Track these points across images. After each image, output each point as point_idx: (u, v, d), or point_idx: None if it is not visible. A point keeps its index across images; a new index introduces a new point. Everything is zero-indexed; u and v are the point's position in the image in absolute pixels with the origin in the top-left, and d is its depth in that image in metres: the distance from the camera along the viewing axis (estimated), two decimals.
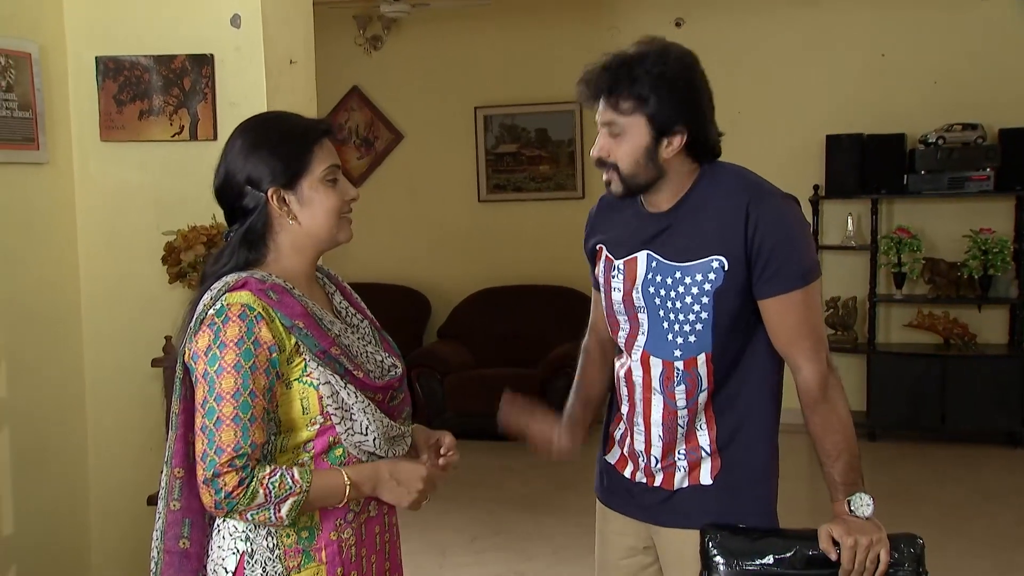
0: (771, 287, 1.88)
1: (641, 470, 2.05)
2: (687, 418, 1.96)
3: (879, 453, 5.89)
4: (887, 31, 6.27)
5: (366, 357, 1.75)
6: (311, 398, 1.66)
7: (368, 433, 1.70)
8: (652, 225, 1.96)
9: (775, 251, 1.86)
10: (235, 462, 1.58)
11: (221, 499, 1.58)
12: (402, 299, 7.06)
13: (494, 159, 7.03)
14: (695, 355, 1.93)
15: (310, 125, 1.75)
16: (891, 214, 6.30)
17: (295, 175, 1.70)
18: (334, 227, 1.75)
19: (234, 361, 1.60)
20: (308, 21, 3.32)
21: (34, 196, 3.08)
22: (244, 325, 1.61)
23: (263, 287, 1.65)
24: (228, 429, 1.59)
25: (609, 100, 1.87)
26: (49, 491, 3.15)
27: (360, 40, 6.99)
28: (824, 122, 6.25)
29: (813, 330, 1.92)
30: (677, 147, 1.88)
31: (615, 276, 2.01)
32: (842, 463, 1.89)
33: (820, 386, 1.90)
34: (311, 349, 1.65)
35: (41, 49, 3.07)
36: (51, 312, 3.16)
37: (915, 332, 6.22)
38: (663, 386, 1.96)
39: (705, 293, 1.89)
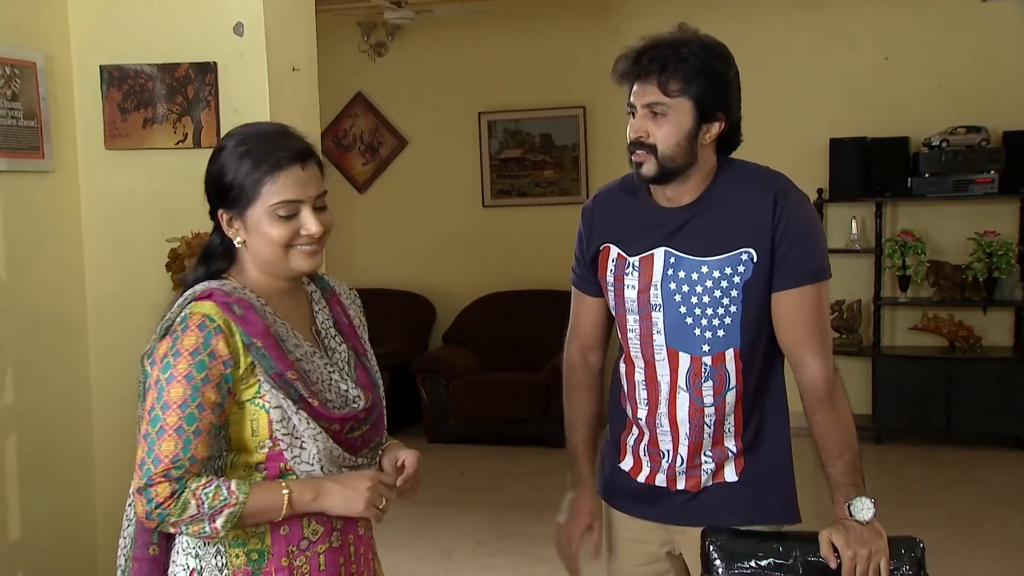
0: (788, 279, 1.89)
1: (663, 472, 2.02)
2: (714, 416, 1.95)
3: (885, 456, 5.88)
4: (890, 34, 6.28)
5: (327, 385, 1.69)
6: (260, 421, 1.62)
7: (315, 463, 1.64)
8: (671, 220, 1.94)
9: (795, 243, 1.88)
10: (170, 472, 1.55)
11: (151, 509, 1.55)
12: (407, 304, 7.08)
13: (498, 164, 7.05)
14: (723, 350, 1.92)
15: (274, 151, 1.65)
16: (895, 217, 6.30)
17: (243, 204, 1.64)
18: (281, 258, 1.66)
19: (186, 371, 1.56)
20: (311, 28, 3.34)
21: (40, 204, 3.10)
22: (202, 336, 1.58)
23: (228, 300, 1.62)
24: (169, 439, 1.56)
25: (659, 80, 1.85)
26: (56, 496, 3.16)
27: (364, 47, 7.01)
28: (828, 125, 6.26)
29: (823, 327, 1.93)
30: (715, 134, 1.90)
31: (629, 273, 1.98)
32: (843, 463, 1.90)
33: (827, 383, 1.91)
34: (266, 371, 1.60)
35: (46, 58, 3.09)
36: (57, 319, 3.18)
37: (920, 335, 6.22)
38: (689, 383, 1.95)
39: (735, 286, 1.89)
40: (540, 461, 5.89)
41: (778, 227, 1.87)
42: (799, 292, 1.89)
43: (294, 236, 1.65)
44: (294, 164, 1.65)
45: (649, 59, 1.86)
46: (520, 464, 5.86)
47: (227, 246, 1.69)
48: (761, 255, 1.88)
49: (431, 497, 5.23)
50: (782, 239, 1.87)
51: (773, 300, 1.91)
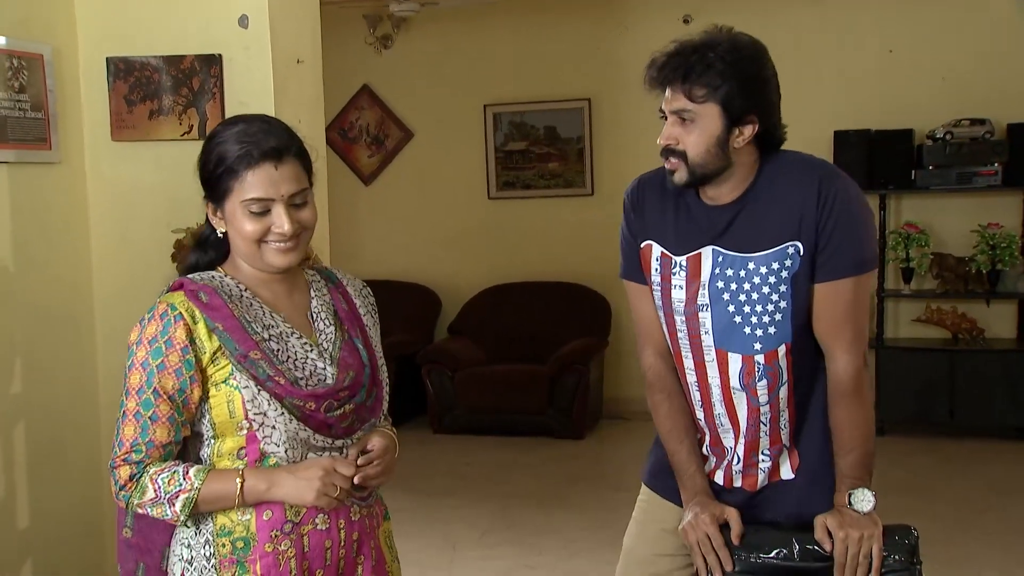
0: (826, 271, 1.85)
1: (722, 468, 1.99)
2: (769, 414, 1.93)
3: (889, 448, 5.89)
4: (894, 27, 6.28)
5: (299, 364, 1.70)
6: (236, 401, 1.65)
7: (280, 444, 1.66)
8: (716, 218, 1.90)
9: (836, 232, 1.83)
10: (130, 456, 1.63)
11: (116, 490, 1.64)
12: (413, 296, 7.10)
13: (504, 156, 7.07)
14: (775, 347, 1.89)
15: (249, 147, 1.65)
16: (899, 209, 6.31)
17: (220, 196, 1.69)
18: (255, 253, 1.69)
19: (143, 359, 1.63)
20: (315, 21, 3.36)
21: (47, 195, 3.13)
22: (161, 324, 1.63)
23: (195, 288, 1.67)
24: (129, 424, 1.63)
25: (683, 87, 1.82)
26: (64, 485, 3.20)
27: (370, 39, 7.03)
28: (832, 118, 6.25)
29: (857, 321, 1.90)
30: (748, 137, 1.85)
31: (676, 273, 1.93)
32: (854, 456, 1.90)
33: (854, 378, 1.90)
34: (232, 353, 1.64)
35: (53, 51, 3.12)
36: (65, 309, 3.21)
37: (924, 327, 6.23)
38: (743, 383, 1.91)
39: (783, 281, 1.86)
40: (545, 452, 5.92)
41: (823, 219, 1.82)
42: (836, 285, 1.86)
43: (265, 232, 1.67)
44: (266, 162, 1.65)
45: (674, 65, 1.83)
46: (525, 455, 5.89)
47: (219, 236, 1.74)
48: (807, 247, 1.84)
49: (436, 488, 5.27)
50: (825, 230, 1.83)
51: (814, 292, 1.88)
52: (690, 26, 6.50)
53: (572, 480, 5.33)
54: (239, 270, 1.74)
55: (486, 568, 4.23)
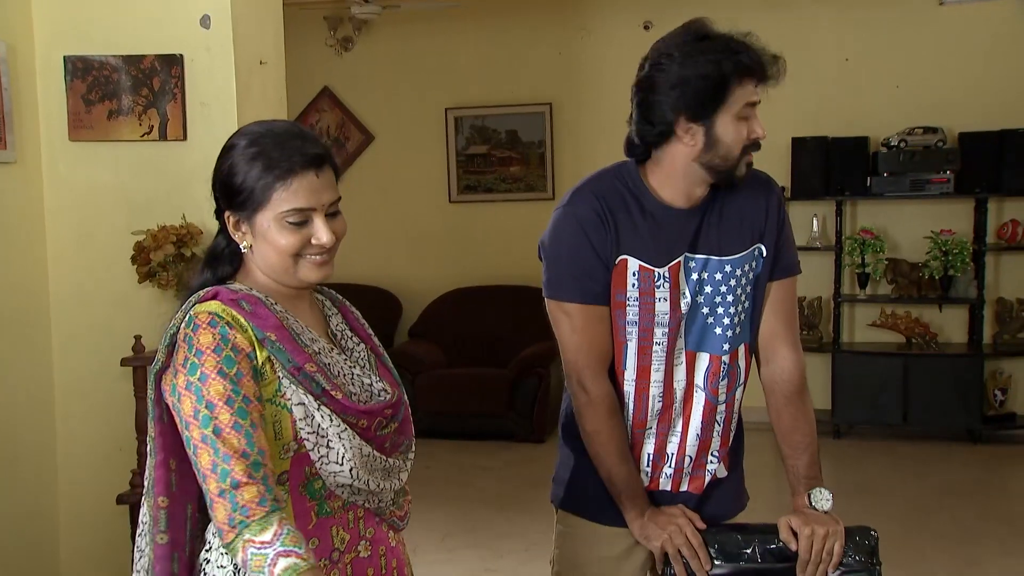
0: (778, 271, 1.94)
1: (667, 477, 1.96)
2: (724, 414, 1.96)
3: (843, 450, 5.98)
4: (851, 35, 6.38)
5: (349, 378, 1.60)
6: (284, 421, 1.51)
7: (344, 463, 1.53)
8: (685, 223, 1.89)
9: (783, 235, 1.95)
10: (253, 474, 1.41)
11: (236, 515, 1.39)
12: (373, 299, 7.07)
13: (465, 160, 7.07)
14: (738, 347, 1.94)
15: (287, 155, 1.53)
16: (855, 215, 6.40)
17: (252, 208, 1.54)
18: (289, 268, 1.56)
19: (216, 367, 1.46)
20: (278, 22, 3.34)
21: (2, 196, 3.07)
22: (216, 332, 1.48)
23: (235, 297, 1.53)
24: (232, 436, 1.43)
25: (758, 88, 1.89)
26: (18, 491, 3.14)
27: (331, 41, 7.00)
28: (790, 125, 6.32)
29: (796, 320, 2.00)
30: None
31: (660, 285, 1.87)
32: (808, 456, 1.93)
33: (801, 376, 1.95)
34: (284, 365, 1.50)
35: (8, 48, 3.07)
36: (20, 312, 3.15)
37: (878, 331, 6.33)
38: (707, 382, 1.93)
39: (750, 282, 1.93)
40: (506, 455, 5.92)
41: (777, 224, 1.93)
42: (785, 283, 1.95)
43: (304, 245, 1.55)
44: (308, 170, 1.54)
45: (778, 68, 1.91)
46: (486, 458, 5.89)
47: (233, 249, 1.60)
48: (768, 249, 1.93)
49: None
50: (778, 234, 1.93)
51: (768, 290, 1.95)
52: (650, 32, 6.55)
53: (533, 483, 5.34)
54: (258, 286, 1.59)
55: (447, 572, 4.22)
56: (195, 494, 1.56)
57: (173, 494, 1.56)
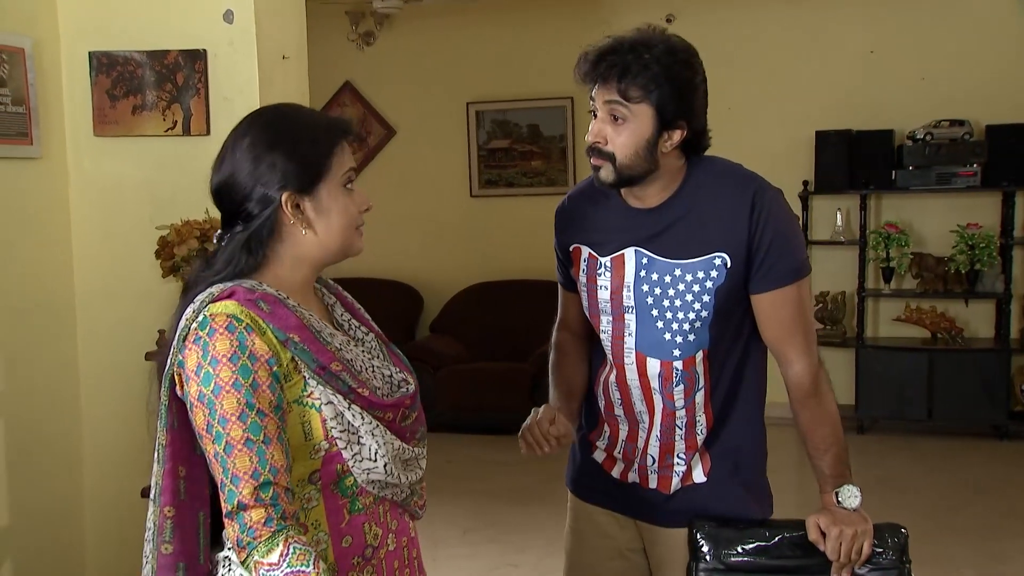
0: (768, 282, 1.87)
1: (635, 471, 2.01)
2: (685, 418, 1.95)
3: (868, 446, 5.94)
4: (876, 28, 6.31)
5: (372, 372, 1.57)
6: (313, 421, 1.47)
7: (377, 459, 1.51)
8: (641, 221, 1.91)
9: (774, 244, 1.85)
10: (260, 495, 1.39)
11: (244, 536, 1.39)
12: (395, 294, 7.09)
13: (486, 154, 7.06)
14: (693, 354, 1.90)
15: (331, 122, 1.56)
16: (879, 209, 6.35)
17: (314, 179, 1.51)
18: (349, 238, 1.57)
19: (231, 379, 1.40)
20: (301, 16, 3.34)
21: (28, 191, 3.10)
22: (234, 338, 1.42)
23: (252, 297, 1.46)
24: (241, 455, 1.39)
25: (618, 86, 1.79)
26: (44, 484, 3.17)
27: (353, 36, 7.00)
28: (814, 118, 6.29)
29: (805, 325, 1.93)
30: (676, 142, 1.84)
31: (601, 274, 1.95)
32: (831, 456, 1.91)
33: (812, 380, 1.91)
34: (309, 365, 1.46)
35: (35, 44, 3.09)
36: (45, 306, 3.17)
37: (903, 326, 6.27)
38: (662, 387, 1.93)
39: (706, 291, 1.87)
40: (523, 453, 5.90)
41: (756, 233, 1.84)
42: (780, 293, 1.87)
43: (358, 213, 1.58)
44: (348, 133, 1.57)
45: (609, 63, 1.80)
46: (506, 453, 5.85)
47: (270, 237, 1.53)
48: (735, 260, 1.85)
49: None
50: (760, 244, 1.85)
51: (754, 301, 1.90)
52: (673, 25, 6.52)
53: (554, 477, 5.30)
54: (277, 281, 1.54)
55: (469, 566, 4.23)
56: (206, 500, 1.53)
57: (181, 503, 1.50)
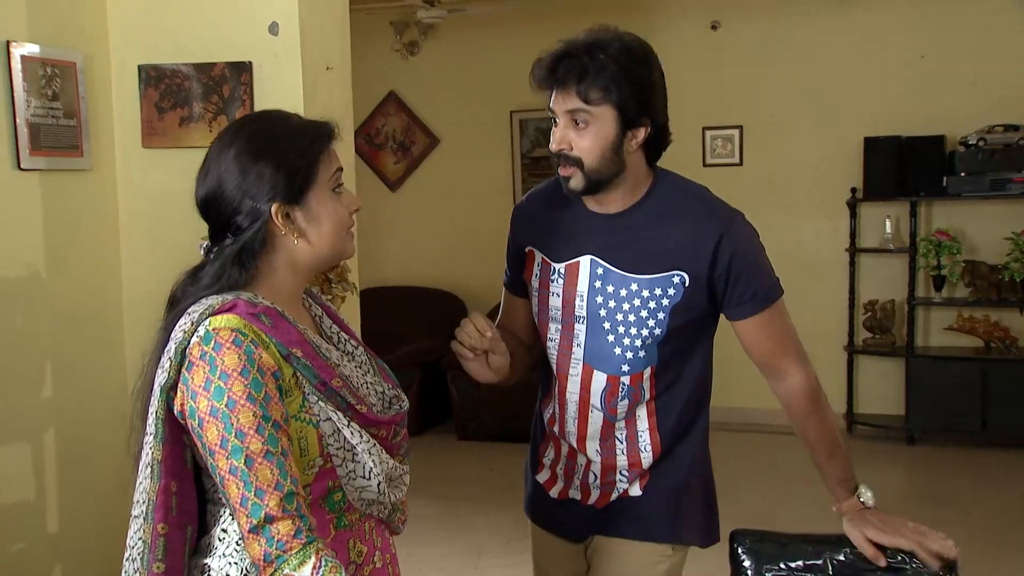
0: (749, 308, 1.86)
1: (576, 488, 1.99)
2: (625, 431, 1.92)
3: (919, 457, 5.84)
4: (926, 32, 6.22)
5: (367, 389, 1.56)
6: (310, 438, 1.45)
7: (371, 477, 1.50)
8: (599, 227, 1.88)
9: (751, 274, 1.85)
10: (286, 507, 1.36)
11: (272, 550, 1.35)
12: (437, 302, 7.11)
13: (530, 163, 7.06)
14: (642, 370, 1.88)
15: (316, 128, 1.54)
16: (930, 216, 6.24)
17: (302, 188, 1.49)
18: (341, 243, 1.56)
19: (244, 392, 1.38)
20: (345, 28, 3.36)
21: (78, 202, 3.15)
22: (242, 352, 1.40)
23: (254, 311, 1.44)
24: (264, 467, 1.37)
25: (578, 89, 1.77)
26: (92, 491, 3.21)
27: (397, 46, 7.06)
28: (862, 124, 6.21)
29: (793, 337, 1.93)
30: (641, 140, 1.83)
31: (554, 280, 1.92)
32: (840, 461, 1.91)
33: (815, 390, 1.91)
34: (311, 381, 1.45)
35: (86, 58, 3.14)
36: (94, 315, 3.22)
37: (955, 335, 6.15)
38: (604, 401, 1.89)
39: (662, 308, 1.84)
40: None
41: (723, 264, 1.82)
42: (766, 314, 1.87)
43: (349, 216, 1.56)
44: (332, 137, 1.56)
45: (566, 67, 1.79)
46: None
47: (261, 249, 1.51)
48: (694, 280, 1.83)
49: (461, 495, 5.26)
50: (731, 274, 1.83)
51: (737, 328, 1.89)
52: (718, 32, 6.47)
53: None
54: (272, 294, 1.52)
55: (511, 575, 4.21)
56: (195, 514, 1.51)
57: (172, 519, 1.48)
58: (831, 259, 6.44)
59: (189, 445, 1.48)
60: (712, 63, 6.52)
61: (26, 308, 2.96)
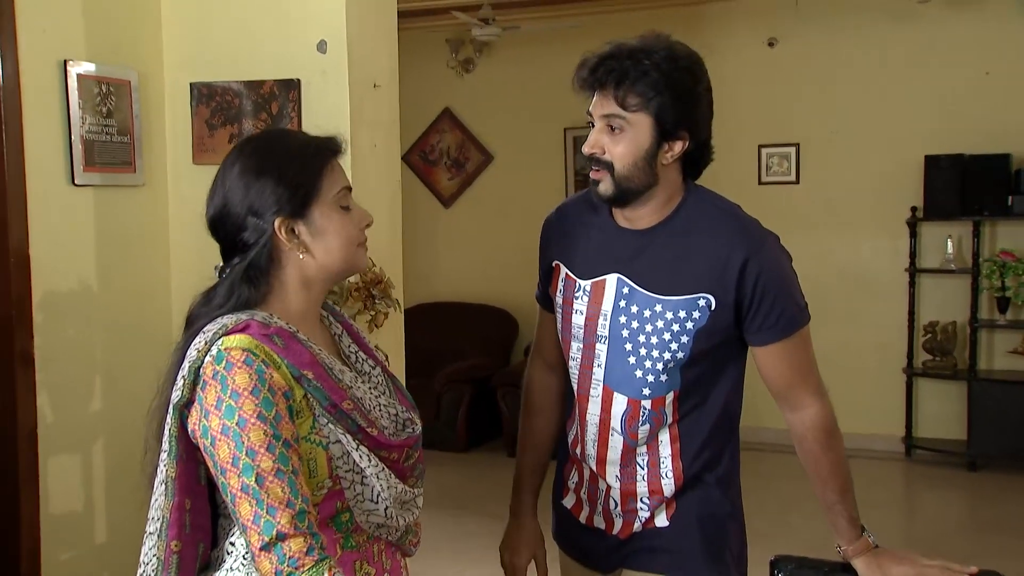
0: (774, 334, 1.79)
1: (599, 514, 1.94)
2: (647, 456, 1.85)
3: (981, 485, 5.66)
4: (991, 48, 6.07)
5: (380, 411, 1.54)
6: (319, 459, 1.45)
7: (379, 501, 1.50)
8: (627, 244, 1.83)
9: (777, 299, 1.77)
10: (298, 524, 1.37)
11: (284, 567, 1.35)
12: (491, 318, 7.11)
13: (583, 180, 7.03)
14: (664, 394, 1.81)
15: (318, 143, 1.55)
16: (994, 236, 6.08)
17: (305, 201, 1.50)
18: (351, 257, 1.55)
19: (255, 411, 1.39)
20: (392, 45, 3.38)
21: (130, 217, 3.21)
22: (252, 371, 1.40)
23: (267, 332, 1.45)
24: (275, 485, 1.37)
25: (616, 93, 1.73)
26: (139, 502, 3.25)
27: (452, 63, 7.10)
28: (922, 142, 6.09)
29: (815, 369, 1.86)
30: (677, 154, 1.77)
31: (579, 297, 1.86)
32: (852, 498, 1.85)
33: (831, 424, 1.84)
34: (321, 403, 1.45)
35: (140, 76, 3.20)
36: (144, 328, 3.27)
37: (1020, 359, 5.97)
38: (625, 425, 1.83)
39: (686, 332, 1.77)
40: None
41: (749, 287, 1.75)
42: (788, 342, 1.79)
43: (359, 231, 1.55)
44: (336, 155, 1.56)
45: (607, 69, 1.75)
46: None
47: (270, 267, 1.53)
48: (720, 303, 1.76)
49: None
50: (761, 299, 1.76)
51: (756, 353, 1.82)
52: (775, 49, 6.39)
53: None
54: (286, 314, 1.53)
55: None
56: (208, 530, 1.52)
57: (186, 536, 1.48)
58: (890, 279, 6.30)
59: (202, 462, 1.49)
60: (768, 80, 6.44)
61: (78, 321, 3.02)
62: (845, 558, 1.84)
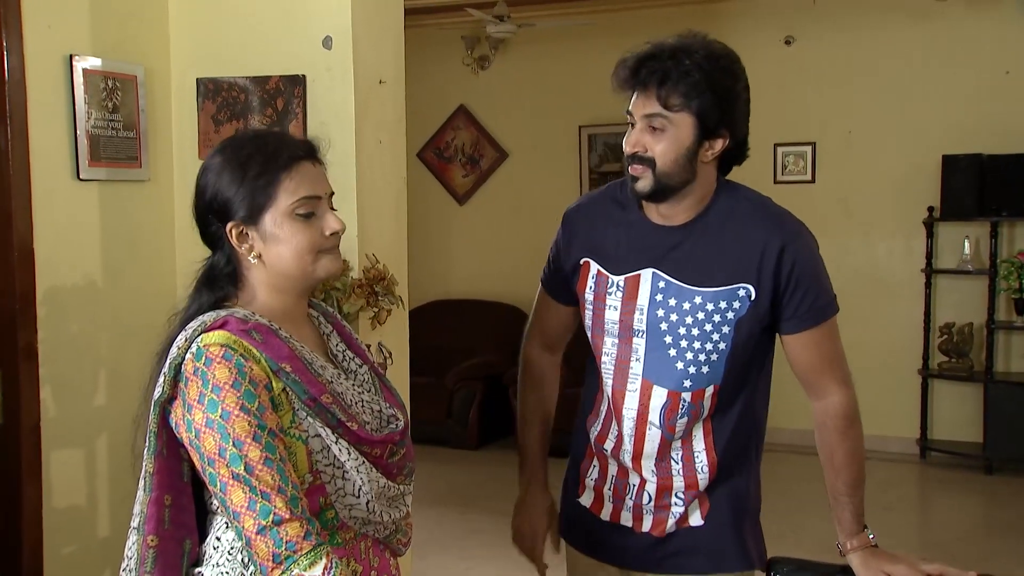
0: (805, 322, 1.82)
1: (628, 509, 1.93)
2: (681, 451, 1.87)
3: (997, 487, 5.60)
4: (1011, 47, 6.00)
5: (362, 406, 1.56)
6: (299, 453, 1.46)
7: (361, 495, 1.50)
8: (661, 239, 1.85)
9: (810, 288, 1.81)
10: (292, 509, 1.38)
11: (281, 551, 1.37)
12: (504, 316, 7.09)
13: (598, 178, 7.01)
14: (704, 387, 1.83)
15: (291, 149, 1.53)
16: (1012, 237, 6.01)
17: (257, 209, 1.50)
18: (307, 265, 1.52)
19: (238, 403, 1.40)
20: (399, 43, 3.37)
21: (136, 212, 3.21)
22: (232, 366, 1.42)
23: (245, 327, 1.46)
24: (264, 472, 1.39)
25: (659, 93, 1.75)
26: None
27: (468, 60, 7.09)
28: (940, 141, 6.02)
29: (841, 355, 1.88)
30: (717, 152, 1.80)
31: (612, 294, 1.88)
32: (861, 492, 1.86)
33: (853, 412, 1.86)
34: (300, 396, 1.46)
35: (146, 72, 3.20)
36: (149, 324, 3.23)
37: None
38: (664, 419, 1.85)
39: (727, 322, 1.80)
40: None
41: (784, 275, 1.79)
42: (817, 330, 1.83)
43: (318, 239, 1.52)
44: (308, 159, 1.53)
45: (649, 70, 1.76)
46: None
47: (232, 269, 1.55)
48: (760, 293, 1.80)
49: None
50: (789, 285, 1.79)
51: (789, 341, 1.85)
52: (792, 47, 6.34)
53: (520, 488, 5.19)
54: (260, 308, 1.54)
55: None
56: (193, 527, 1.53)
57: (165, 532, 1.50)
58: (906, 280, 6.24)
59: (186, 459, 1.50)
60: (785, 78, 6.39)
61: (82, 316, 3.03)
62: (843, 553, 1.84)
